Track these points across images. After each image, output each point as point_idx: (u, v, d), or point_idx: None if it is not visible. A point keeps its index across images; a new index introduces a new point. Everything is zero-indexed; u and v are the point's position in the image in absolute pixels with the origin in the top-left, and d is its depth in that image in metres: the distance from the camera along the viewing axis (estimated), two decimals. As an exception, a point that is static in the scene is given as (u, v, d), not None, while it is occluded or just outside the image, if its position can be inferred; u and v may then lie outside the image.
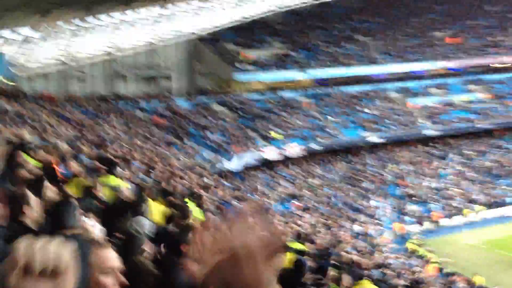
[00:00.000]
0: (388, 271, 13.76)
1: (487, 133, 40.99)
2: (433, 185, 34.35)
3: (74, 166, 8.85)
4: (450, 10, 52.32)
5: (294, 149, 34.35)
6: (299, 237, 12.97)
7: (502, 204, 32.60)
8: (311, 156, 35.65)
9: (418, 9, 51.82)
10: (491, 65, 46.73)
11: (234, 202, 14.90)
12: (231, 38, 42.95)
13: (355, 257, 12.86)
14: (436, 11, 52.24)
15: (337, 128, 37.53)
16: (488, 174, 36.27)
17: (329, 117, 38.51)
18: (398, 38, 47.23)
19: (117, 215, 5.40)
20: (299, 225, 15.83)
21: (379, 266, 14.43)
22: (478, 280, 20.00)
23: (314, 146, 35.23)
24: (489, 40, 48.43)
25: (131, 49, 38.85)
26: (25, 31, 30.59)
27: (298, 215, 23.15)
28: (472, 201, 32.48)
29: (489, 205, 32.24)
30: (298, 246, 10.53)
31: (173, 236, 4.84)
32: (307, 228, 16.54)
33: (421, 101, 42.18)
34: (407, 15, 50.69)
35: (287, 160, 34.54)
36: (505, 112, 41.68)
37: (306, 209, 26.81)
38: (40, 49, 33.13)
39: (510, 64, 46.75)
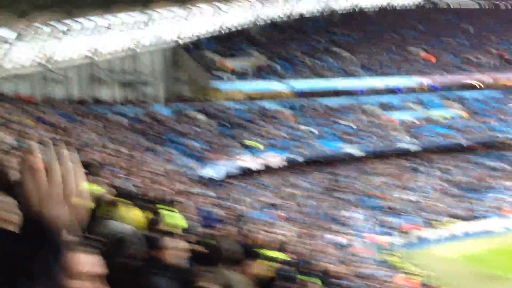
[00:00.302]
0: (364, 282, 13.75)
1: (464, 148, 41.52)
2: (411, 198, 34.57)
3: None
4: (428, 27, 53.23)
5: (273, 159, 34.36)
6: (278, 246, 12.89)
7: (480, 218, 32.97)
8: (290, 166, 35.66)
9: (397, 26, 52.63)
10: (467, 82, 47.52)
11: (214, 210, 14.81)
12: (211, 46, 42.99)
13: (331, 267, 12.83)
14: (414, 28, 53.09)
15: (315, 139, 37.64)
16: (465, 188, 36.65)
17: (308, 128, 38.64)
18: (377, 53, 47.78)
19: (91, 218, 5.31)
20: (279, 235, 15.77)
21: (355, 276, 14.42)
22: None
23: (293, 156, 35.28)
24: (465, 58, 49.31)
25: (110, 54, 38.56)
26: (2, 31, 30.18)
27: (279, 224, 23.09)
28: (449, 215, 32.78)
29: (466, 219, 32.56)
30: (276, 254, 10.46)
31: (147, 241, 4.74)
32: (287, 238, 16.50)
33: (399, 116, 42.60)
34: (386, 31, 51.37)
35: (265, 170, 34.49)
36: (481, 129, 42.33)
37: (287, 219, 26.75)
38: (18, 51, 32.67)
39: (485, 82, 47.60)
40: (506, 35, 53.64)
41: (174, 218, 9.40)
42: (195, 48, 42.10)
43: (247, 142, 35.04)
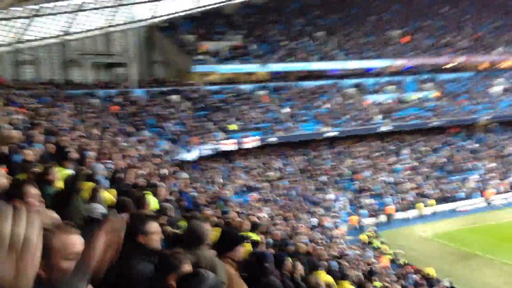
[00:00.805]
0: (343, 262, 13.91)
1: (440, 130, 42.14)
2: (388, 179, 35.05)
3: (26, 153, 8.53)
4: (405, 9, 53.50)
5: (251, 141, 34.35)
6: (256, 228, 12.91)
7: (453, 198, 33.64)
8: (268, 149, 35.74)
9: (374, 8, 52.74)
10: (443, 64, 48.03)
11: (192, 193, 14.74)
12: (189, 28, 42.47)
13: (311, 248, 12.93)
14: (391, 11, 53.25)
15: (294, 121, 37.72)
16: (440, 169, 37.28)
17: (286, 111, 38.67)
18: (355, 35, 47.84)
19: (66, 201, 5.29)
20: (256, 217, 15.79)
21: (335, 257, 14.56)
22: (429, 271, 20.53)
23: (271, 139, 35.33)
24: (442, 40, 49.75)
25: (84, 35, 37.83)
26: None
27: (256, 206, 23.17)
28: (425, 195, 33.34)
29: (441, 200, 33.18)
30: (255, 237, 10.49)
31: (127, 225, 4.68)
32: (264, 220, 16.56)
33: (376, 98, 42.91)
34: (363, 13, 51.43)
35: (245, 152, 34.51)
36: (457, 110, 42.97)
37: (264, 201, 26.87)
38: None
39: (461, 64, 48.20)
40: (482, 17, 54.33)
41: (153, 202, 9.30)
42: (170, 29, 41.56)
43: (226, 125, 34.93)
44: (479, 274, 22.55)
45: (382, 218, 30.95)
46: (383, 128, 39.60)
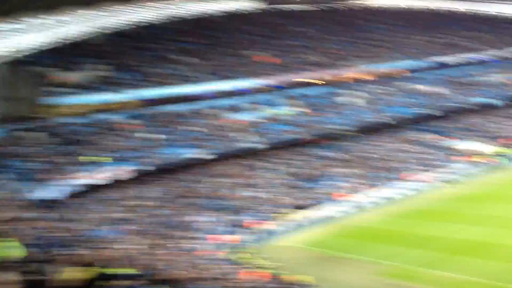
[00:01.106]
0: (215, 284, 14.18)
1: (306, 142, 44.60)
2: (259, 195, 36.08)
3: None
4: (272, 31, 56.92)
5: (121, 172, 33.70)
6: (129, 262, 12.80)
7: (320, 206, 35.58)
8: (139, 177, 35.24)
9: (235, 31, 55.05)
10: (307, 80, 51.29)
11: (55, 233, 14.20)
12: (47, 60, 40.69)
13: (182, 273, 13.08)
14: (259, 33, 56.08)
15: (165, 147, 37.68)
16: (307, 179, 39.24)
17: (157, 137, 38.54)
18: (224, 57, 49.39)
19: None
20: (125, 250, 15.58)
21: (206, 279, 14.82)
22: (304, 279, 21.44)
23: (141, 167, 34.94)
24: (305, 58, 53.05)
25: None
26: None
27: (125, 239, 22.68)
28: (294, 206, 34.81)
29: (305, 208, 34.84)
30: (124, 270, 10.47)
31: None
32: (133, 251, 16.39)
33: (246, 117, 44.49)
34: (226, 37, 53.35)
35: (114, 184, 33.68)
36: (317, 123, 45.89)
37: (134, 232, 26.36)
38: None
39: (324, 79, 51.88)
40: (330, 34, 59.05)
41: (9, 249, 8.96)
42: (28, 63, 39.43)
43: (93, 157, 33.89)
44: (347, 275, 24.10)
45: (256, 233, 31.68)
46: (255, 146, 41.07)
